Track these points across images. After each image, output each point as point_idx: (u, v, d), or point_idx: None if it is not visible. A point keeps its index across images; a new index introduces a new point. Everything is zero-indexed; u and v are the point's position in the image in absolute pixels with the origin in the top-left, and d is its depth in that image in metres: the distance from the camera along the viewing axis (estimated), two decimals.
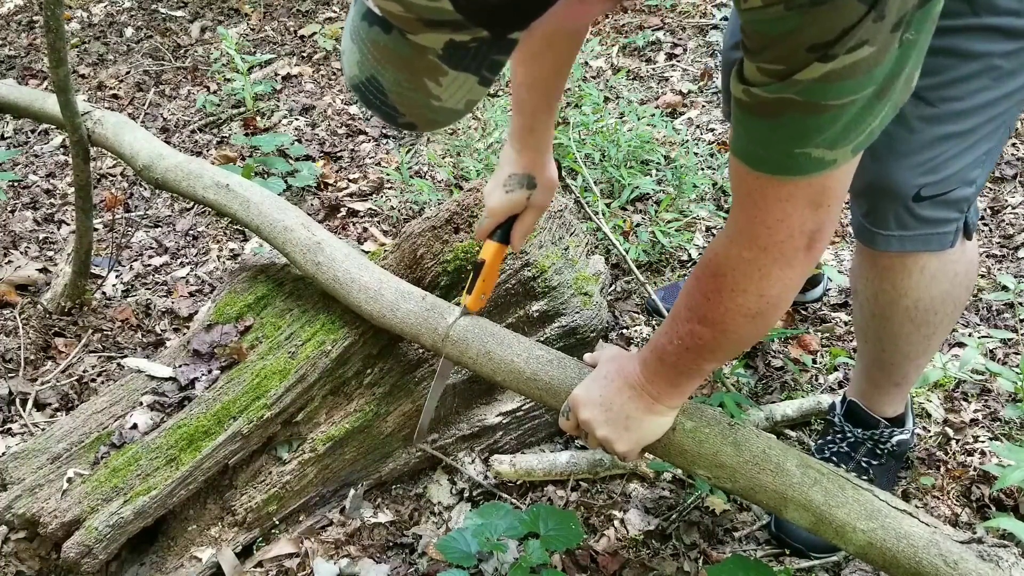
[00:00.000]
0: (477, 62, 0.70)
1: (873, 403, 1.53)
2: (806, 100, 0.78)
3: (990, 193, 2.43)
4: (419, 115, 0.76)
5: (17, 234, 2.58)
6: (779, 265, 0.94)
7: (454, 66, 0.69)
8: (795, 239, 0.91)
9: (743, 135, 0.87)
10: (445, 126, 0.84)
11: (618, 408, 1.14)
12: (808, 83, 0.76)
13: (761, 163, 0.87)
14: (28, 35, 4.09)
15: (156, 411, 1.54)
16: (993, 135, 1.19)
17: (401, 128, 0.87)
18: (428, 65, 0.69)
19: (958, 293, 1.35)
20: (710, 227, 2.44)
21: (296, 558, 1.57)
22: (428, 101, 0.73)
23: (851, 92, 0.78)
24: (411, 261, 1.67)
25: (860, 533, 1.08)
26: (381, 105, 0.75)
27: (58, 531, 1.39)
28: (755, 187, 0.90)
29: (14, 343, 2.09)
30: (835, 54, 0.74)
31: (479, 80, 0.72)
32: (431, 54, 0.68)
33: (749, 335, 1.05)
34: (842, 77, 0.76)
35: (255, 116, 3.21)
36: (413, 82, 0.71)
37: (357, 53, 0.73)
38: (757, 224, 0.92)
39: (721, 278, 0.98)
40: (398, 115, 0.76)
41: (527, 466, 1.66)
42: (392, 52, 0.70)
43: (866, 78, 0.77)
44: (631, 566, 1.51)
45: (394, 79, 0.72)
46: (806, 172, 0.86)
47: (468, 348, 1.36)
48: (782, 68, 0.77)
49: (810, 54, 0.75)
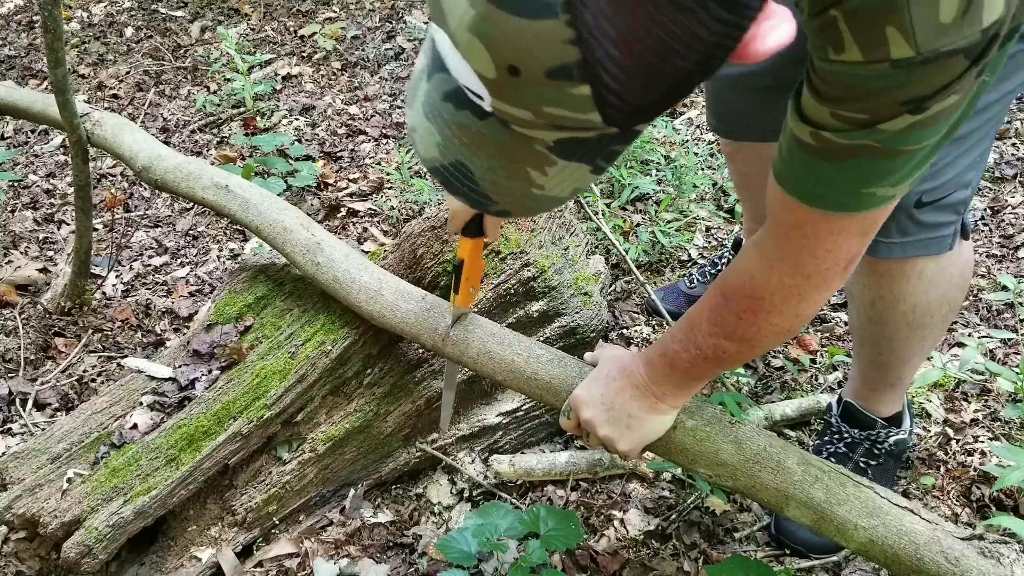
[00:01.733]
0: (593, 152, 0.65)
1: (869, 403, 1.53)
2: (884, 147, 0.76)
3: (990, 193, 2.43)
4: (515, 203, 0.71)
5: (17, 234, 2.58)
6: (819, 289, 0.95)
7: (566, 157, 0.64)
8: (839, 265, 0.92)
9: (801, 173, 0.85)
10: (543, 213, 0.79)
11: (620, 407, 1.14)
12: (892, 132, 0.75)
13: (819, 200, 0.85)
14: (28, 35, 4.09)
15: (156, 411, 1.54)
16: (986, 137, 1.19)
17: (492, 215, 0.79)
18: (533, 155, 0.64)
19: (954, 295, 1.35)
20: (710, 227, 2.44)
21: (296, 558, 1.57)
22: (528, 190, 0.68)
23: (929, 137, 0.77)
24: (411, 261, 1.67)
25: (861, 530, 1.08)
26: (469, 192, 0.70)
27: (58, 531, 1.38)
28: (806, 220, 0.88)
29: (14, 343, 2.09)
30: (928, 106, 0.72)
31: (592, 169, 0.67)
32: (539, 145, 0.63)
33: (772, 346, 1.06)
34: (925, 125, 0.75)
35: (255, 116, 3.21)
36: (512, 171, 0.66)
37: (437, 135, 0.67)
38: (805, 254, 0.91)
39: (759, 301, 0.97)
40: (489, 202, 0.71)
41: (526, 466, 1.66)
42: (488, 139, 0.64)
43: (944, 123, 0.76)
44: (631, 566, 1.51)
45: (488, 166, 0.66)
46: (867, 209, 0.85)
47: (468, 348, 1.36)
48: (866, 118, 0.75)
49: (903, 107, 0.73)
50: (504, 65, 0.57)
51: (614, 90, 0.57)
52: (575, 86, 0.56)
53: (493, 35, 0.56)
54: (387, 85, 3.42)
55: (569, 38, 0.54)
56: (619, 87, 0.57)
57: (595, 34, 0.54)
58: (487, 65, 0.58)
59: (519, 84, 0.58)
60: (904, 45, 0.67)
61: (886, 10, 0.66)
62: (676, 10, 0.53)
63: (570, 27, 0.54)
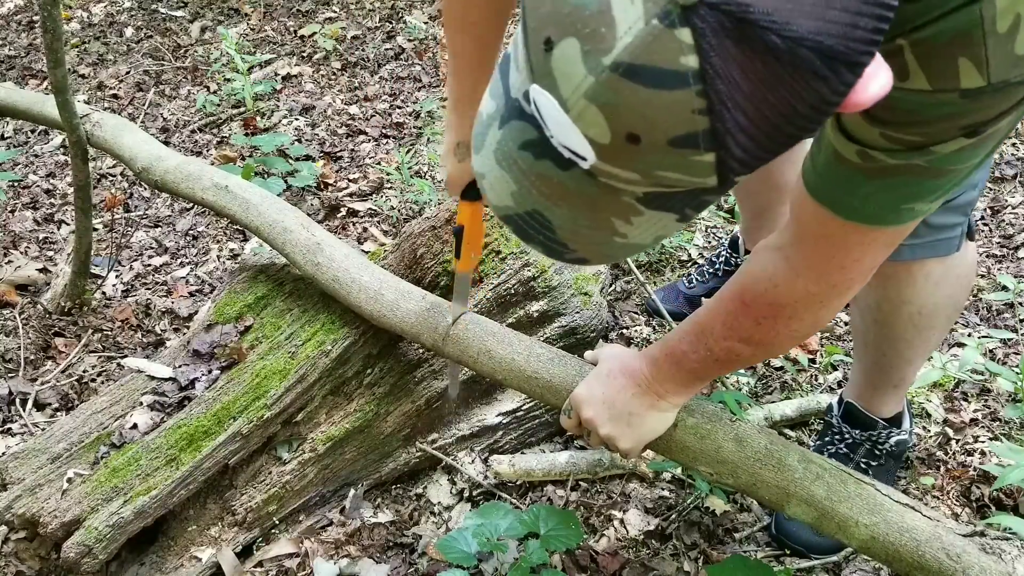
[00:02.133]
0: (683, 203, 0.64)
1: (870, 404, 1.53)
2: (933, 167, 0.77)
3: (990, 193, 2.43)
4: (594, 252, 0.70)
5: (17, 234, 2.58)
6: (841, 297, 0.95)
7: (655, 208, 0.64)
8: (864, 275, 0.93)
9: (839, 187, 0.85)
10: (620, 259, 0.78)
11: (621, 406, 1.14)
12: (943, 154, 0.75)
13: (855, 214, 0.85)
14: (28, 35, 4.09)
15: (156, 411, 1.54)
16: None
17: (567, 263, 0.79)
18: (619, 206, 0.63)
19: (959, 296, 1.35)
20: (710, 227, 2.44)
21: (296, 558, 1.56)
22: (611, 239, 0.67)
23: (976, 158, 0.77)
24: (411, 261, 1.67)
25: (863, 527, 1.08)
26: (546, 241, 0.69)
27: (58, 531, 1.38)
28: (838, 232, 0.88)
29: (14, 343, 2.09)
30: (984, 131, 0.73)
31: (678, 218, 0.66)
32: (628, 196, 0.62)
33: (786, 350, 1.07)
34: (975, 147, 0.75)
35: (255, 116, 3.21)
36: (595, 221, 0.65)
37: (513, 184, 0.66)
38: (833, 265, 0.91)
39: (780, 307, 0.97)
40: (567, 251, 0.70)
41: (526, 466, 1.66)
42: (571, 191, 0.63)
43: (992, 144, 0.77)
44: (631, 566, 1.51)
45: (568, 216, 0.65)
46: (902, 223, 0.85)
47: (468, 347, 1.36)
48: (922, 140, 0.74)
49: (960, 131, 0.73)
50: (623, 133, 0.56)
51: (737, 156, 0.57)
52: (699, 154, 0.56)
53: (616, 104, 0.55)
54: (387, 85, 3.43)
55: (700, 108, 0.54)
56: (743, 153, 0.56)
57: (727, 104, 0.53)
58: (602, 132, 0.57)
59: (637, 151, 0.57)
60: (976, 76, 0.67)
61: (961, 43, 0.66)
62: (811, 77, 0.53)
63: (702, 97, 0.53)
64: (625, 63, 0.53)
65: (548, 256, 0.73)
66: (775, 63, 0.52)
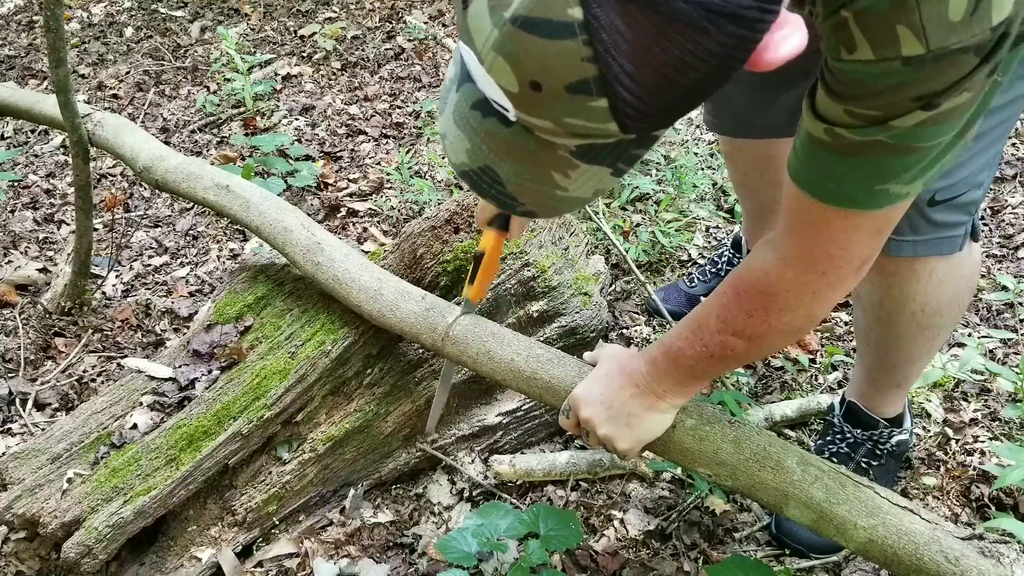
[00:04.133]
0: (614, 156, 0.69)
1: (873, 404, 1.53)
2: (897, 143, 0.78)
3: (990, 193, 2.43)
4: (540, 204, 0.75)
5: (17, 234, 2.58)
6: (832, 287, 0.95)
7: (588, 161, 0.68)
8: (853, 264, 0.92)
9: (814, 169, 0.86)
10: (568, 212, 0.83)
11: (620, 406, 1.14)
12: (904, 128, 0.76)
13: (832, 196, 0.86)
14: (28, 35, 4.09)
15: (156, 411, 1.54)
16: (1001, 137, 1.19)
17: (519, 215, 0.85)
18: (557, 160, 0.68)
19: (963, 296, 1.35)
20: (710, 227, 2.44)
21: (296, 558, 1.57)
22: (553, 192, 0.72)
23: (942, 135, 0.78)
24: (411, 261, 1.67)
25: (861, 530, 1.08)
26: (497, 195, 0.74)
27: (58, 531, 1.38)
28: (820, 217, 0.89)
29: (14, 343, 2.09)
30: (939, 103, 0.73)
31: (612, 172, 0.70)
32: (562, 150, 0.67)
33: (780, 347, 1.07)
34: (937, 122, 0.76)
35: (255, 116, 3.21)
36: (537, 174, 0.70)
37: (466, 142, 0.71)
38: (819, 252, 0.92)
39: (771, 298, 0.98)
40: (516, 204, 0.75)
41: (526, 466, 1.66)
42: (513, 146, 0.68)
43: (957, 121, 0.77)
44: (631, 566, 1.51)
45: (514, 171, 0.71)
46: (880, 206, 0.86)
47: (468, 347, 1.36)
48: (879, 114, 0.76)
49: (914, 103, 0.74)
50: (527, 81, 0.61)
51: (630, 102, 0.60)
52: (593, 100, 0.60)
53: (517, 54, 0.60)
54: (387, 85, 3.42)
55: (587, 56, 0.58)
56: (634, 99, 0.60)
57: (611, 52, 0.57)
58: (511, 81, 0.62)
59: (541, 98, 0.62)
60: (915, 43, 0.69)
61: (897, 9, 0.68)
62: (688, 29, 0.56)
63: (588, 46, 0.57)
64: (521, 16, 0.58)
65: (501, 208, 0.78)
66: (654, 15, 0.56)
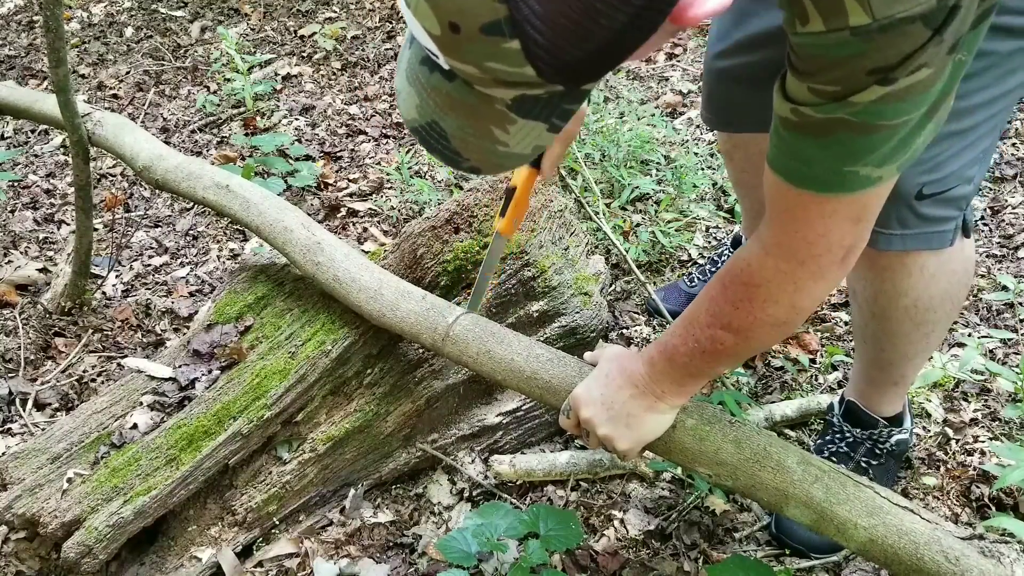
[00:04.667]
0: (548, 111, 0.70)
1: (871, 403, 1.53)
2: (860, 121, 0.78)
3: (990, 193, 2.43)
4: (484, 160, 0.76)
5: (17, 234, 2.58)
6: (815, 278, 0.95)
7: (523, 115, 0.69)
8: (833, 253, 0.92)
9: (786, 152, 0.86)
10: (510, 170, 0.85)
11: (619, 406, 1.14)
12: (864, 104, 0.76)
13: (804, 180, 0.87)
14: (28, 35, 4.09)
15: (156, 411, 1.54)
16: (991, 133, 1.19)
17: (464, 171, 0.86)
18: (495, 114, 0.69)
19: (956, 292, 1.35)
20: (710, 227, 2.44)
21: (296, 558, 1.57)
22: (494, 147, 0.73)
23: (905, 113, 0.78)
24: (411, 261, 1.67)
25: (861, 530, 1.08)
26: (443, 150, 0.75)
27: (58, 531, 1.38)
28: (796, 203, 0.89)
29: (14, 343, 2.09)
30: (895, 78, 0.73)
31: (548, 127, 0.72)
32: (499, 104, 0.68)
33: (770, 342, 1.06)
34: (898, 99, 0.76)
35: (255, 116, 3.21)
36: (478, 129, 0.71)
37: (416, 97, 0.73)
38: (797, 239, 0.92)
39: (754, 288, 0.98)
40: (461, 160, 0.76)
41: (527, 466, 1.66)
42: (456, 100, 0.70)
43: (921, 99, 0.77)
44: (631, 566, 1.51)
45: (458, 125, 0.72)
46: (852, 189, 0.85)
47: (468, 347, 1.36)
48: (838, 89, 0.76)
49: (869, 77, 0.74)
50: (446, 22, 0.62)
51: (542, 45, 0.61)
52: (506, 41, 0.61)
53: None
54: (387, 85, 3.42)
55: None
56: (546, 42, 0.61)
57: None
58: (433, 23, 0.63)
59: (460, 41, 0.63)
60: (861, 12, 0.69)
61: None
62: None
63: None
64: None
65: (448, 165, 0.80)
66: None
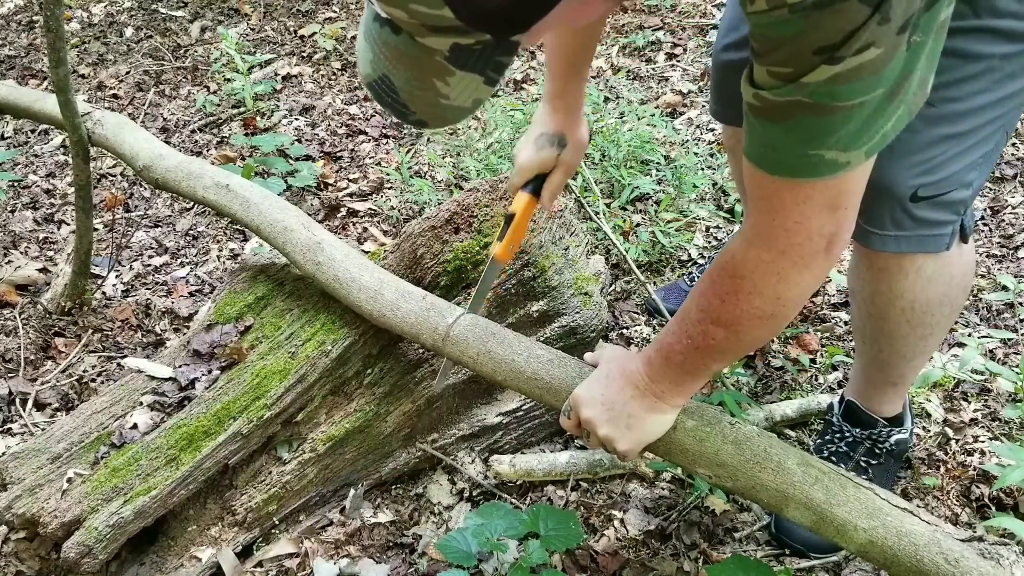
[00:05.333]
0: (482, 63, 0.72)
1: (871, 403, 1.53)
2: (816, 102, 0.79)
3: (990, 193, 2.43)
4: (429, 113, 0.79)
5: (17, 234, 2.58)
6: (797, 268, 0.95)
7: (460, 67, 0.72)
8: (813, 241, 0.92)
9: (756, 139, 0.88)
10: (454, 123, 0.87)
11: (620, 407, 1.14)
12: (816, 85, 0.77)
13: (775, 166, 0.88)
14: (28, 35, 4.09)
15: (156, 411, 1.54)
16: (991, 138, 1.18)
17: (413, 125, 0.88)
18: (435, 66, 0.72)
19: (955, 295, 1.35)
20: (710, 227, 2.44)
21: (296, 558, 1.57)
22: (437, 100, 0.76)
23: (860, 94, 0.78)
24: (411, 261, 1.67)
25: (861, 531, 1.08)
26: (393, 103, 0.78)
27: (58, 531, 1.38)
28: (771, 191, 0.90)
29: (14, 343, 2.09)
30: (842, 56, 0.74)
31: (484, 80, 0.74)
32: (438, 55, 0.71)
33: (761, 336, 1.06)
34: (850, 80, 0.76)
35: (255, 116, 3.21)
36: (422, 81, 0.74)
37: (370, 52, 0.76)
38: (776, 227, 0.92)
39: (739, 280, 0.98)
40: (409, 112, 0.79)
41: (527, 466, 1.66)
42: (402, 53, 0.72)
43: (874, 80, 0.77)
44: (631, 566, 1.51)
45: (405, 78, 0.75)
46: (821, 174, 0.86)
47: (468, 347, 1.36)
48: (790, 71, 0.78)
49: (816, 57, 0.75)
50: None
51: None
52: None
53: None
54: None
55: None
56: None
57: None
58: None
59: None
60: None
61: None
62: None
63: None
64: None
65: (398, 118, 0.82)
66: None
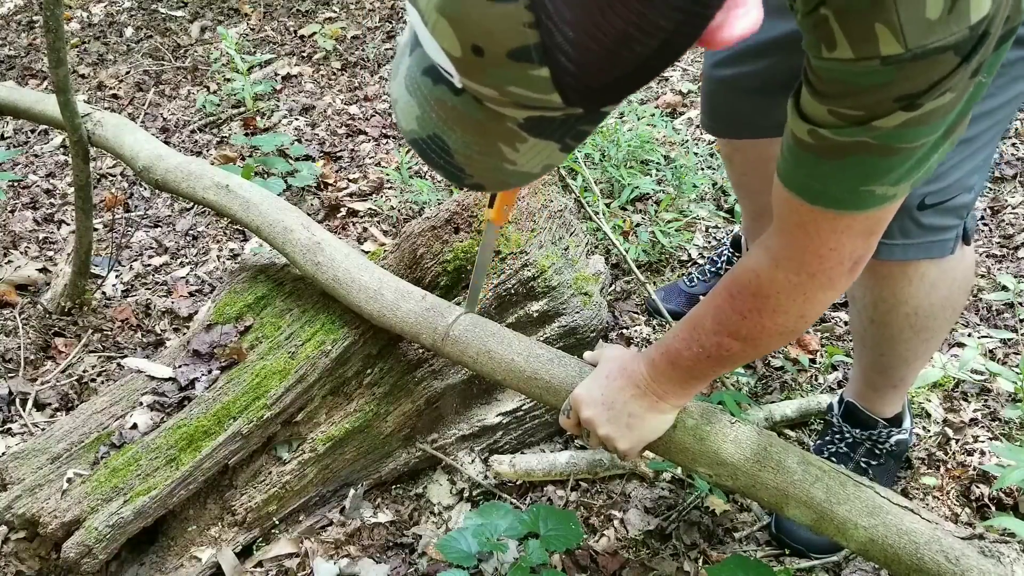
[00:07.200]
0: (562, 131, 0.67)
1: (871, 404, 1.53)
2: (881, 144, 0.77)
3: (990, 193, 2.43)
4: (488, 177, 0.73)
5: (17, 234, 2.58)
6: (824, 288, 0.95)
7: (536, 135, 0.67)
8: (843, 264, 0.92)
9: (801, 171, 0.86)
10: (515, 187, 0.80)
11: (620, 406, 1.14)
12: (887, 129, 0.75)
13: (819, 198, 0.86)
14: (28, 35, 4.09)
15: (156, 411, 1.54)
16: (992, 141, 1.19)
17: (467, 188, 0.82)
18: (505, 132, 0.67)
19: (956, 298, 1.35)
20: (710, 227, 2.44)
21: (296, 558, 1.57)
22: (501, 164, 0.70)
23: (926, 136, 0.77)
24: (411, 261, 1.67)
25: (861, 530, 1.08)
26: (445, 165, 0.72)
27: (58, 531, 1.38)
28: (809, 219, 0.89)
29: (14, 343, 2.09)
30: (921, 103, 0.73)
31: (560, 147, 0.69)
32: (511, 122, 0.66)
33: (776, 347, 1.06)
34: (919, 123, 0.75)
35: (255, 116, 3.21)
36: (485, 146, 0.69)
37: (416, 108, 0.70)
38: (809, 253, 0.92)
39: (763, 299, 0.98)
40: (464, 176, 0.73)
41: (526, 466, 1.66)
42: (462, 115, 0.67)
43: (941, 122, 0.76)
44: (631, 566, 1.51)
45: (463, 141, 0.69)
46: (867, 207, 0.85)
47: (468, 347, 1.36)
48: (862, 114, 0.75)
49: (896, 103, 0.73)
50: (469, 45, 0.59)
51: (572, 73, 0.59)
52: (535, 68, 0.59)
53: (459, 16, 0.58)
54: (387, 85, 3.42)
55: (528, 21, 0.56)
56: (577, 70, 0.59)
57: (553, 19, 0.56)
58: (453, 44, 0.60)
59: (483, 64, 0.60)
60: (893, 42, 0.68)
61: (874, 8, 0.68)
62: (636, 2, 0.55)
63: (529, 11, 0.56)
64: None
65: (449, 180, 0.76)
66: None
